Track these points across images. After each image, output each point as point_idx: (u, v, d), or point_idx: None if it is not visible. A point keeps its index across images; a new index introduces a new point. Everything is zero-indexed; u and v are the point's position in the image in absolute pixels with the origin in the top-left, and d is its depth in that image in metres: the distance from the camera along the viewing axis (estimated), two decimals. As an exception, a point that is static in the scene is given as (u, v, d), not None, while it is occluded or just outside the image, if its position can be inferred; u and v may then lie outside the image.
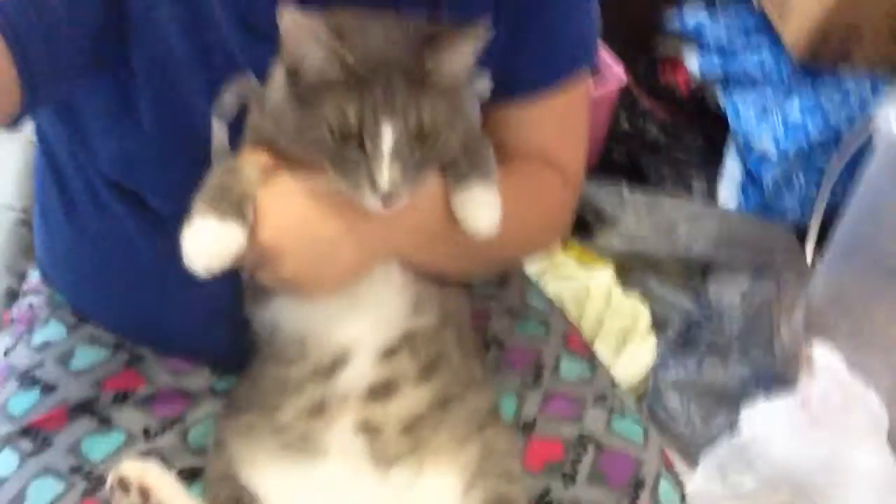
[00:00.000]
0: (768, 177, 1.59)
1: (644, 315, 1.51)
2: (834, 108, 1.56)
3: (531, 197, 0.80)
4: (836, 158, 1.53)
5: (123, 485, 0.67)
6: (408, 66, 0.61)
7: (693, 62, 1.75)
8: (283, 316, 0.73)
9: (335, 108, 0.60)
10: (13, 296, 1.09)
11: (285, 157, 0.66)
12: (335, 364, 0.71)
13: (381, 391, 0.71)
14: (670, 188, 1.73)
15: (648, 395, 1.44)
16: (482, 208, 0.67)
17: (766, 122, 1.60)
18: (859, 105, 1.54)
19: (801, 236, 1.60)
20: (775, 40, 1.62)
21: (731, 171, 1.67)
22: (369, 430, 0.71)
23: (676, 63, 1.82)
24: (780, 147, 1.57)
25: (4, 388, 0.82)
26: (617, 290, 1.54)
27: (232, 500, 0.70)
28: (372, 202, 0.61)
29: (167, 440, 0.78)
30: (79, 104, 0.73)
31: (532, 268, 1.42)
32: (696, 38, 1.74)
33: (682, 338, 1.47)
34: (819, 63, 1.56)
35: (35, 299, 0.91)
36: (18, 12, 0.58)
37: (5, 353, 0.86)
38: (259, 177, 0.65)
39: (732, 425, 1.36)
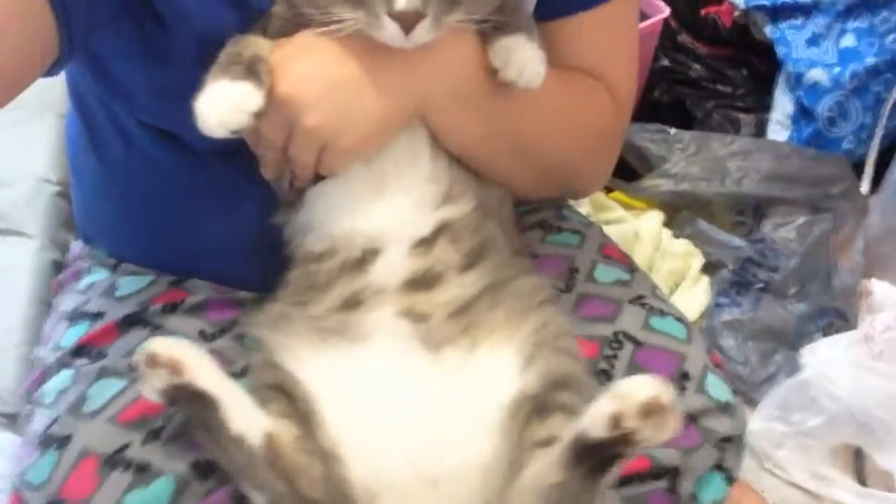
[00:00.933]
0: (821, 107, 1.53)
1: (696, 257, 1.47)
2: (890, 31, 1.48)
3: (582, 100, 0.78)
4: (894, 85, 1.47)
5: (152, 361, 0.61)
6: None
7: (736, -8, 1.68)
8: (313, 214, 0.71)
9: None
10: (58, 267, 1.12)
11: None
12: (365, 257, 0.68)
13: (421, 282, 0.68)
14: (717, 126, 1.68)
15: (703, 336, 1.41)
16: (525, 55, 0.65)
17: (817, 50, 1.54)
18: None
19: (858, 168, 1.54)
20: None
21: (782, 104, 1.61)
22: (414, 316, 0.67)
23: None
24: (833, 74, 1.51)
25: (55, 330, 0.82)
26: (667, 233, 1.50)
27: (273, 387, 0.67)
28: (390, 29, 0.58)
29: (224, 342, 0.77)
30: (106, 51, 0.72)
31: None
32: (739, -33, 1.67)
33: (736, 277, 1.44)
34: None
35: (78, 264, 0.91)
36: None
37: (53, 310, 0.87)
38: (270, 44, 0.64)
39: (791, 364, 1.33)
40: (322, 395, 0.65)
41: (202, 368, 0.63)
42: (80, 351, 0.78)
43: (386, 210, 0.69)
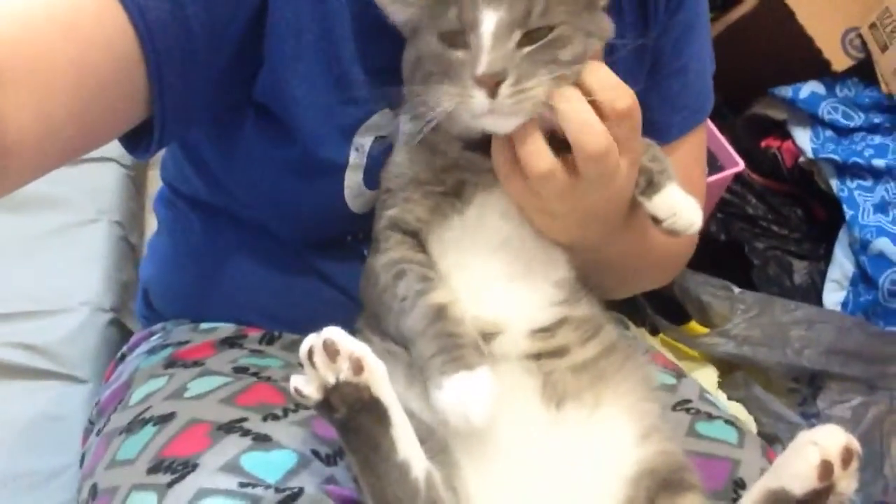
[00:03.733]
0: (885, 278, 1.50)
1: (749, 426, 1.44)
2: (963, 212, 1.46)
3: None
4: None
5: (332, 351, 0.56)
6: None
7: (803, 136, 1.64)
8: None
9: (442, 14, 0.61)
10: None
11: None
12: (484, 337, 0.66)
13: (544, 354, 0.68)
14: (773, 277, 1.65)
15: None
16: (687, 206, 0.68)
17: (886, 218, 1.51)
18: None
19: (914, 342, 1.52)
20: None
21: (841, 263, 1.58)
22: (538, 373, 0.67)
23: (781, 133, 1.70)
24: (900, 248, 1.48)
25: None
26: (721, 396, 1.46)
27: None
28: (478, 97, 0.59)
29: None
30: (204, 147, 0.77)
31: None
32: (808, 113, 1.63)
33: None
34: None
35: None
36: (163, 32, 0.60)
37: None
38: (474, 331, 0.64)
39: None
40: (453, 443, 0.63)
41: (382, 376, 0.58)
42: (172, 363, 0.77)
43: (509, 302, 0.68)
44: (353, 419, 0.57)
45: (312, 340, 0.56)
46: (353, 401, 0.56)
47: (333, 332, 0.57)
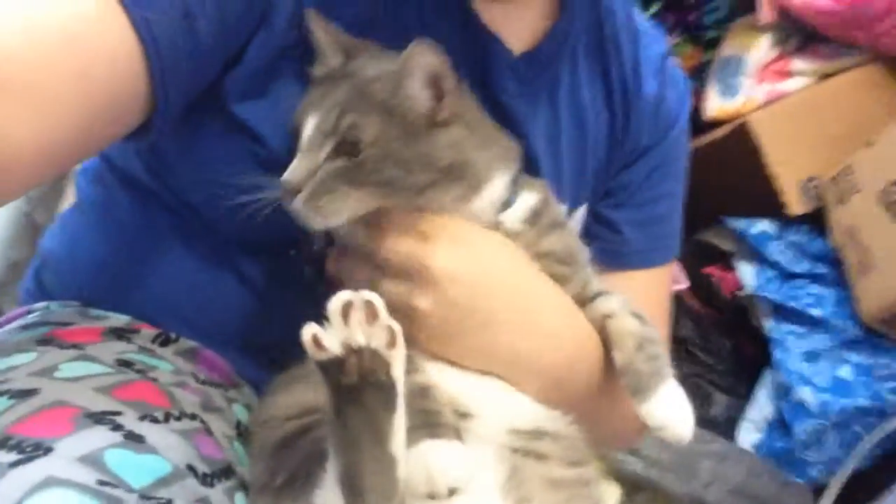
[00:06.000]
0: (801, 428, 1.49)
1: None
2: (887, 378, 1.46)
3: None
4: (876, 430, 1.44)
5: (370, 312, 0.53)
6: (363, 82, 0.64)
7: (746, 273, 1.64)
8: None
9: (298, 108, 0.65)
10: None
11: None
12: (463, 416, 0.63)
13: (526, 451, 0.64)
14: (689, 393, 1.61)
15: None
16: (681, 415, 0.66)
17: (813, 368, 1.50)
18: (915, 384, 1.45)
19: (817, 494, 1.50)
20: (846, 288, 1.52)
21: (761, 405, 1.57)
22: (509, 462, 0.62)
23: (726, 264, 1.70)
24: (821, 401, 1.47)
25: None
26: (620, 516, 1.41)
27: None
28: (284, 197, 0.62)
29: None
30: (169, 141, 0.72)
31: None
32: (756, 250, 1.63)
33: None
34: (887, 330, 1.47)
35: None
36: (170, 47, 0.60)
37: None
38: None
39: None
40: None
41: (403, 361, 0.55)
42: (46, 340, 0.71)
43: (489, 393, 0.66)
44: (360, 391, 0.54)
45: (351, 295, 0.53)
46: (370, 372, 0.53)
47: (374, 297, 0.54)
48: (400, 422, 0.55)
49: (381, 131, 0.63)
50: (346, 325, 0.53)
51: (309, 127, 0.63)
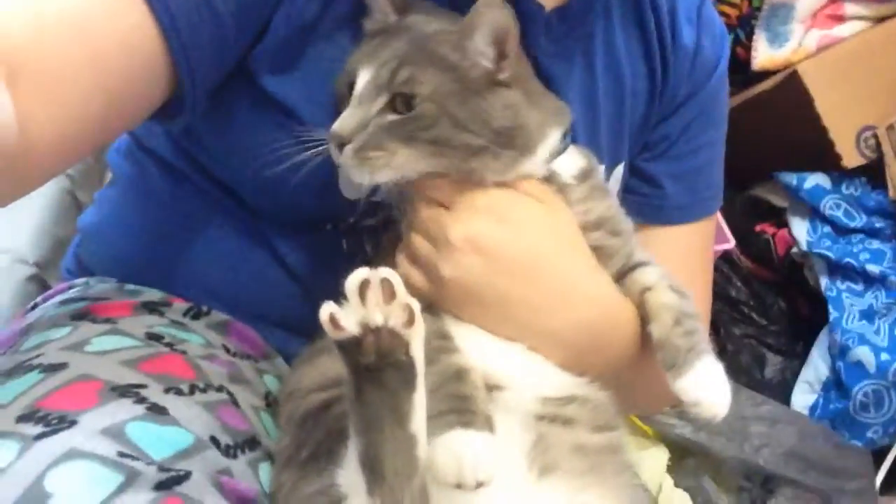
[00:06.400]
0: (858, 389, 1.44)
1: (692, 519, 1.36)
2: (950, 337, 1.40)
3: None
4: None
5: (388, 290, 0.52)
6: (423, 36, 0.64)
7: (800, 230, 1.58)
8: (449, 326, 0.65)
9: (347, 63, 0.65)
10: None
11: None
12: (492, 388, 0.63)
13: (552, 419, 0.63)
14: (743, 366, 1.58)
15: None
16: (713, 390, 0.63)
17: (871, 327, 1.44)
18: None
19: (877, 460, 1.46)
20: (905, 241, 1.46)
21: (817, 366, 1.52)
22: (534, 431, 0.62)
23: (778, 221, 1.64)
24: (880, 360, 1.42)
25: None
26: (668, 481, 1.38)
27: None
28: (332, 148, 0.61)
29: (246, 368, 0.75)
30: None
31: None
32: (809, 205, 1.57)
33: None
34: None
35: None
36: (190, 25, 0.60)
37: None
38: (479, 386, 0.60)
39: None
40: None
41: (422, 339, 0.54)
42: (81, 315, 0.71)
43: (520, 364, 0.65)
44: (379, 370, 0.53)
45: (368, 274, 0.52)
46: (388, 352, 0.53)
47: (392, 274, 0.53)
48: (420, 401, 0.54)
49: (439, 86, 0.62)
50: (363, 304, 0.52)
51: (362, 79, 0.62)
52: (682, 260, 0.82)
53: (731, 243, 1.46)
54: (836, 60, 1.52)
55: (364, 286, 0.52)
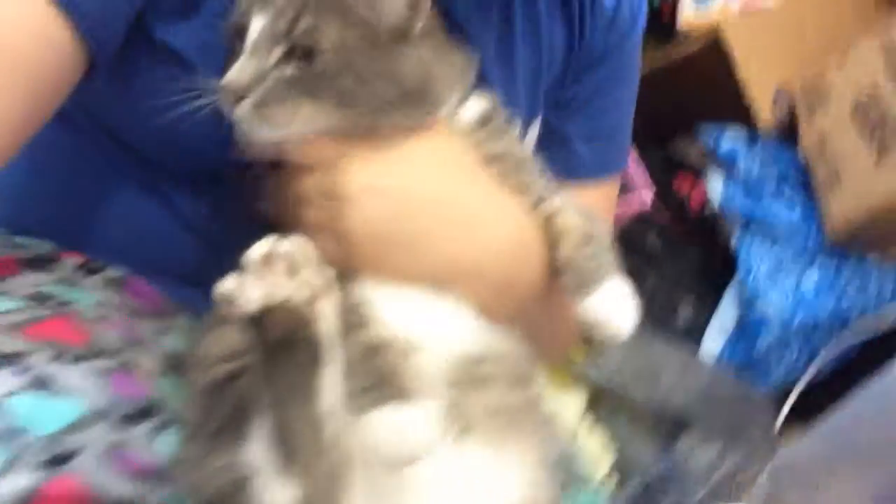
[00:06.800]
0: (763, 340, 1.51)
1: (605, 462, 1.41)
2: (851, 292, 1.48)
3: None
4: (834, 343, 1.47)
5: (294, 261, 0.50)
6: None
7: (715, 186, 1.64)
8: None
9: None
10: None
11: None
12: (404, 352, 0.60)
13: (465, 381, 0.61)
14: (656, 314, 1.63)
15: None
16: (616, 311, 0.62)
17: (776, 282, 1.51)
18: (877, 297, 1.47)
19: (777, 404, 1.54)
20: (812, 201, 1.52)
21: (725, 315, 1.58)
22: (448, 396, 0.60)
23: (695, 176, 1.70)
24: (783, 314, 1.49)
25: None
26: (584, 423, 1.43)
27: None
28: (225, 104, 0.57)
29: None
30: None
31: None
32: (725, 162, 1.62)
33: (641, 497, 1.39)
34: (850, 245, 1.48)
35: None
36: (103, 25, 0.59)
37: None
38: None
39: None
40: None
41: (332, 312, 0.52)
42: None
43: (433, 320, 0.62)
44: (285, 348, 0.50)
45: (272, 245, 0.49)
46: (293, 329, 0.50)
47: (301, 244, 0.50)
48: (332, 378, 0.52)
49: (343, 38, 0.58)
50: (265, 275, 0.49)
51: (256, 25, 0.58)
52: None
53: (649, 196, 1.50)
54: (760, 23, 1.57)
55: (269, 257, 0.49)
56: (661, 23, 1.72)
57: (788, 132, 1.58)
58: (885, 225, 1.40)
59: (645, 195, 1.52)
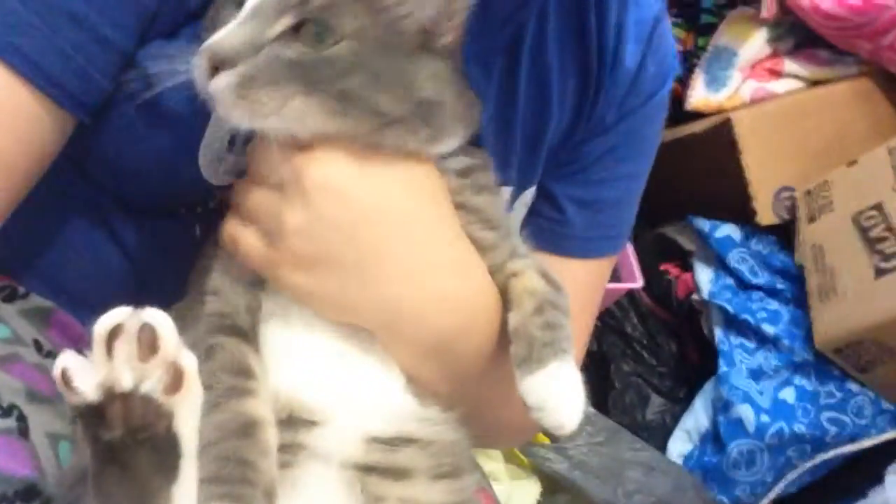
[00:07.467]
0: (735, 446, 1.43)
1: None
2: (829, 407, 1.41)
3: None
4: (808, 459, 1.40)
5: (148, 341, 0.42)
6: None
7: (704, 275, 1.57)
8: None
9: None
10: None
11: None
12: (304, 424, 0.52)
13: (381, 471, 0.53)
14: (629, 392, 1.56)
15: None
16: (563, 398, 0.53)
17: (757, 386, 1.44)
18: (855, 416, 1.40)
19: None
20: (802, 309, 1.46)
21: (698, 416, 1.51)
22: (358, 490, 0.52)
23: (684, 262, 1.63)
24: (759, 422, 1.42)
25: None
26: (537, 515, 1.35)
27: None
28: (199, 72, 0.47)
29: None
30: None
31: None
32: (717, 254, 1.56)
33: None
34: (836, 359, 1.41)
35: None
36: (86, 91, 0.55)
37: None
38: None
39: None
40: None
41: (195, 407, 0.44)
42: None
43: (343, 390, 0.54)
44: (127, 450, 0.42)
45: (122, 317, 0.42)
46: (141, 426, 0.42)
47: (159, 318, 0.42)
48: (184, 494, 0.43)
49: (364, 26, 0.49)
50: (109, 357, 0.41)
51: None
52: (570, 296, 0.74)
53: (638, 283, 1.43)
54: (769, 115, 1.51)
55: (115, 333, 0.41)
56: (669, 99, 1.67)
57: (786, 234, 1.51)
58: (876, 344, 1.33)
59: (632, 286, 1.45)
